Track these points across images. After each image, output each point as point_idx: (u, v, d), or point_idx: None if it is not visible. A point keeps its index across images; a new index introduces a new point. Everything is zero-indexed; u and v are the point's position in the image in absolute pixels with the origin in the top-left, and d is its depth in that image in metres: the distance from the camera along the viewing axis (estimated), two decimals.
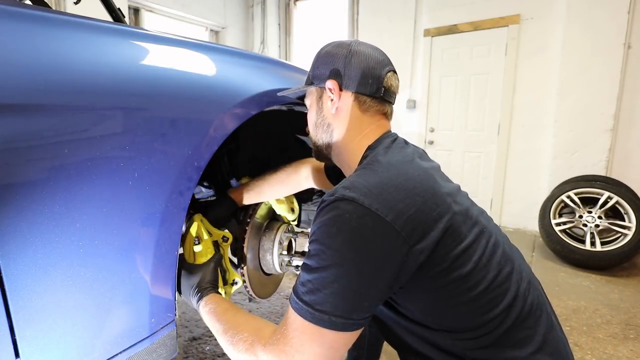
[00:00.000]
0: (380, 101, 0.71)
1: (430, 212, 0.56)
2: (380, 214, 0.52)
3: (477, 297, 0.57)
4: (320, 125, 0.74)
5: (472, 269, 0.57)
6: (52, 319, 0.52)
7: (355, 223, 0.52)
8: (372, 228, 0.52)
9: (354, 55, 0.69)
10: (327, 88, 0.71)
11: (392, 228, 0.52)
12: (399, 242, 0.53)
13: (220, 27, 4.48)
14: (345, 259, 0.52)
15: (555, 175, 2.99)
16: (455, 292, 0.57)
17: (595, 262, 2.36)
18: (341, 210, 0.54)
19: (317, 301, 0.52)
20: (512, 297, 0.59)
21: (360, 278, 0.52)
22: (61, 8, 2.86)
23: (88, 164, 0.52)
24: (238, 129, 0.78)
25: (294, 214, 1.15)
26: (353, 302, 0.52)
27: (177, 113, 0.65)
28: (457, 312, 0.58)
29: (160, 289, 0.66)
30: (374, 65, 0.70)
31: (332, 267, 0.52)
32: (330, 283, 0.52)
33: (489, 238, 0.63)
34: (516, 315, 0.59)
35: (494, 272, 0.59)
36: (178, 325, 0.93)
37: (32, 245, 0.48)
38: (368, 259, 0.52)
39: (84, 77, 0.53)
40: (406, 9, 3.60)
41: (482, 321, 0.57)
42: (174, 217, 0.66)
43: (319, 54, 0.75)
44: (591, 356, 1.51)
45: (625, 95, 2.76)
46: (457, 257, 0.56)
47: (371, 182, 0.56)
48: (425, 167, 0.63)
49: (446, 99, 3.56)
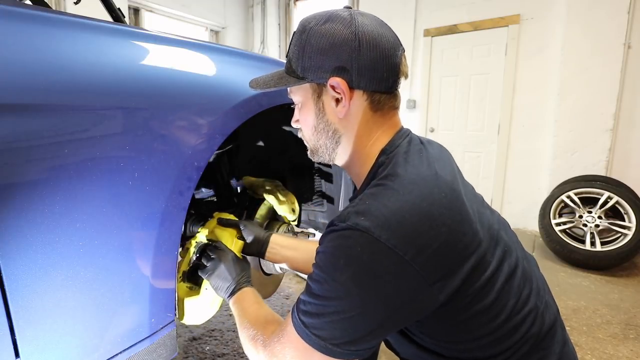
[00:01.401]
0: (393, 95, 0.60)
1: (457, 243, 0.49)
2: (398, 251, 0.45)
3: (497, 327, 0.53)
4: (322, 131, 0.61)
5: (495, 299, 0.52)
6: (52, 319, 0.52)
7: (367, 259, 0.46)
8: (386, 267, 0.46)
9: (362, 39, 0.53)
10: (331, 86, 0.56)
11: (410, 267, 0.46)
12: (416, 282, 0.47)
13: (220, 27, 4.48)
14: (350, 294, 0.47)
15: (555, 175, 2.99)
16: (476, 325, 0.53)
17: (595, 262, 2.36)
18: (352, 241, 0.47)
19: (314, 325, 0.49)
20: (531, 322, 0.55)
21: (363, 316, 0.47)
22: (61, 8, 2.86)
23: (88, 164, 0.52)
24: (238, 129, 0.78)
25: (294, 214, 1.15)
26: (351, 336, 0.48)
27: (177, 113, 0.65)
28: (476, 343, 0.54)
29: (160, 289, 0.66)
30: (388, 52, 0.55)
31: (334, 299, 0.48)
32: (330, 313, 0.48)
33: (510, 257, 0.57)
34: (534, 340, 0.55)
35: (514, 299, 0.54)
36: (178, 325, 0.93)
37: (32, 245, 0.48)
38: (377, 299, 0.47)
39: (84, 77, 0.53)
40: (406, 9, 3.60)
41: (501, 349, 0.54)
42: (174, 217, 0.66)
43: (308, 35, 0.56)
44: (591, 356, 1.51)
45: (625, 95, 2.76)
46: (480, 290, 0.51)
47: (390, 209, 0.47)
48: (450, 183, 0.53)
49: (446, 99, 3.56)
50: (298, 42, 0.58)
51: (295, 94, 0.63)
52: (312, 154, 0.67)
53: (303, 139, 0.67)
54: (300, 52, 0.58)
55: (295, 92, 0.63)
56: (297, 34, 0.59)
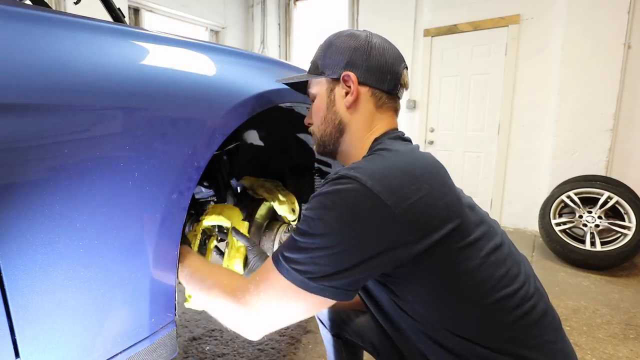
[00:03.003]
0: (394, 98, 0.70)
1: (438, 201, 0.54)
2: (381, 196, 0.51)
3: (484, 296, 0.55)
4: (330, 121, 0.71)
5: (480, 264, 0.55)
6: (52, 319, 0.52)
7: (353, 201, 0.52)
8: (369, 209, 0.51)
9: (372, 48, 0.66)
10: (343, 80, 0.67)
11: (392, 213, 0.51)
12: (396, 228, 0.51)
13: (220, 27, 4.48)
14: (333, 231, 0.52)
15: (555, 175, 2.99)
16: (463, 289, 0.55)
17: (595, 262, 2.36)
18: (341, 186, 0.53)
19: (295, 260, 0.53)
20: (520, 299, 0.57)
21: (343, 252, 0.51)
22: (61, 8, 2.86)
23: (88, 164, 0.52)
24: (238, 129, 0.77)
25: (294, 214, 1.15)
26: (328, 270, 0.51)
27: (177, 113, 0.65)
28: (465, 314, 0.56)
29: (160, 289, 0.66)
30: (392, 61, 0.67)
31: (318, 236, 0.52)
32: (311, 249, 0.52)
33: (495, 236, 0.61)
34: (526, 323, 0.56)
35: (502, 271, 0.57)
36: (178, 325, 0.93)
37: (32, 245, 0.48)
38: (357, 238, 0.51)
39: (84, 77, 0.53)
40: (406, 9, 3.60)
41: (491, 328, 0.55)
42: (174, 217, 0.66)
43: (330, 42, 0.71)
44: (591, 356, 1.51)
45: (625, 95, 2.76)
46: (463, 250, 0.54)
47: (377, 165, 0.55)
48: (436, 160, 0.62)
49: (446, 99, 3.56)
50: (322, 48, 0.72)
51: (313, 88, 0.75)
52: (318, 146, 0.76)
53: (312, 133, 0.77)
54: (323, 54, 0.71)
55: (313, 85, 0.74)
56: (322, 44, 0.73)
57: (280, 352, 1.49)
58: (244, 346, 1.52)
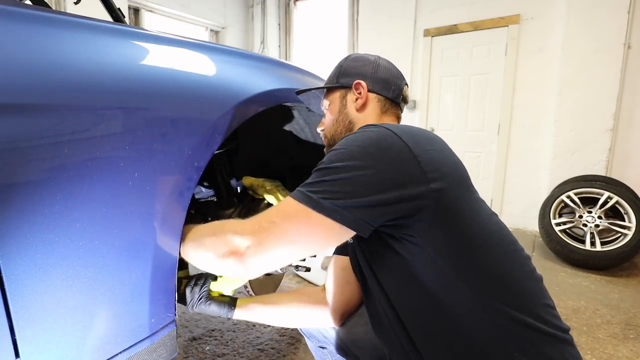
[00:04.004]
0: (397, 106, 0.83)
1: (448, 156, 0.62)
2: (403, 138, 0.57)
3: (496, 245, 0.59)
4: (341, 122, 0.81)
5: (487, 219, 0.61)
6: (52, 319, 0.52)
7: (377, 137, 0.58)
8: (390, 144, 0.57)
9: (380, 65, 0.82)
10: (354, 85, 0.79)
11: (410, 152, 0.56)
12: (414, 165, 0.55)
13: (220, 27, 4.48)
14: (354, 158, 0.55)
15: (555, 175, 2.99)
16: (476, 236, 0.58)
17: (595, 262, 2.36)
18: (368, 129, 0.60)
19: (313, 187, 0.55)
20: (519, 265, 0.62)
21: (361, 178, 0.54)
22: (61, 8, 2.86)
23: (88, 164, 0.52)
24: (238, 129, 0.78)
25: None
26: (342, 193, 0.53)
27: (177, 113, 0.65)
28: (477, 264, 0.57)
29: (160, 289, 0.66)
30: (396, 78, 0.82)
31: (338, 162, 0.56)
32: (331, 174, 0.55)
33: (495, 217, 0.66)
34: (532, 281, 0.62)
35: (506, 231, 0.64)
36: (178, 325, 0.93)
37: (32, 245, 0.48)
38: (376, 166, 0.55)
39: (84, 77, 0.53)
40: (406, 8, 3.60)
41: (502, 274, 0.58)
42: (174, 217, 0.66)
43: (346, 60, 0.84)
44: (591, 356, 1.51)
45: (625, 95, 2.76)
46: (471, 202, 0.60)
47: (393, 125, 0.63)
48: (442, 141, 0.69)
49: (446, 99, 3.56)
50: (338, 65, 0.85)
51: (327, 98, 0.86)
52: (328, 147, 0.84)
53: (323, 135, 0.86)
54: (339, 69, 0.85)
55: (329, 94, 0.86)
56: (340, 62, 0.86)
57: (280, 352, 1.49)
58: (244, 346, 1.52)
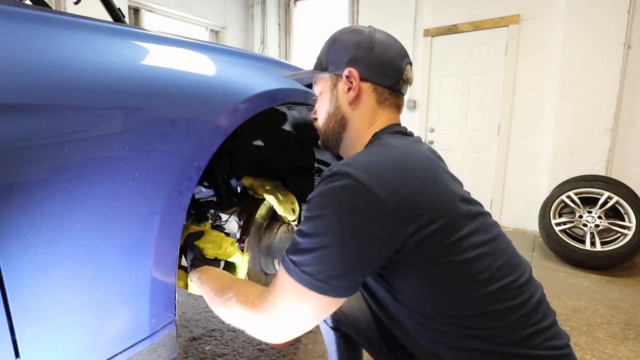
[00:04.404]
0: (397, 94, 0.71)
1: (429, 196, 0.55)
2: (374, 190, 0.52)
3: (479, 287, 0.56)
4: (333, 115, 0.73)
5: (472, 258, 0.56)
6: (52, 319, 0.52)
7: (347, 196, 0.53)
8: (363, 203, 0.53)
9: (375, 43, 0.68)
10: (346, 76, 0.69)
11: (384, 205, 0.52)
12: (389, 220, 0.53)
13: (220, 27, 4.48)
14: (332, 229, 0.53)
15: (555, 175, 2.99)
16: (455, 281, 0.56)
17: (595, 262, 2.36)
18: (336, 183, 0.55)
19: (303, 262, 0.54)
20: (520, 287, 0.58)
21: (344, 249, 0.53)
22: (61, 8, 2.86)
23: (88, 164, 0.52)
24: (238, 129, 0.78)
25: (294, 214, 1.15)
26: (334, 270, 0.53)
27: (177, 113, 0.65)
28: (458, 303, 0.57)
29: (160, 289, 0.66)
30: (395, 57, 0.68)
31: (319, 235, 0.54)
32: (316, 249, 0.53)
33: (491, 229, 0.62)
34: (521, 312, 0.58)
35: (498, 262, 0.58)
36: (178, 325, 0.93)
37: (32, 245, 0.48)
38: (354, 232, 0.53)
39: (84, 77, 0.53)
40: (406, 8, 3.60)
41: (486, 313, 0.56)
42: (174, 217, 0.66)
43: (335, 38, 0.72)
44: (591, 356, 1.51)
45: (625, 95, 2.76)
46: (453, 245, 0.55)
47: (370, 160, 0.57)
48: (429, 156, 0.63)
49: (446, 99, 3.56)
50: (327, 44, 0.73)
51: (317, 84, 0.76)
52: (322, 141, 0.78)
53: (317, 127, 0.78)
54: (327, 50, 0.73)
55: (318, 82, 0.76)
56: (328, 40, 0.74)
57: (280, 352, 1.49)
58: (244, 346, 1.52)
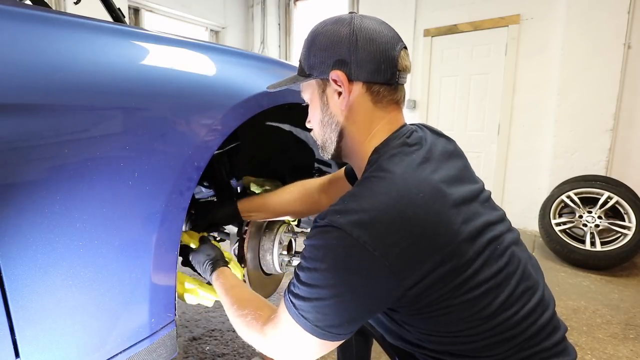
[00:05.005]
0: (394, 88, 0.62)
1: (429, 244, 0.51)
2: (368, 247, 0.49)
3: (484, 321, 0.55)
4: (327, 124, 0.65)
5: (479, 295, 0.54)
6: (52, 319, 0.52)
7: (341, 253, 0.51)
8: (357, 260, 0.50)
9: (359, 35, 0.58)
10: (332, 80, 0.60)
11: (380, 263, 0.49)
12: (385, 277, 0.50)
13: (220, 27, 4.48)
14: (328, 283, 0.51)
15: (555, 175, 2.99)
16: (461, 317, 0.55)
17: (595, 262, 2.36)
18: (329, 237, 0.52)
19: (302, 307, 0.54)
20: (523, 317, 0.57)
21: (341, 303, 0.52)
22: (61, 8, 2.86)
23: (88, 164, 0.52)
24: (238, 129, 0.78)
25: None
26: (332, 320, 0.52)
27: (177, 113, 0.65)
28: (463, 337, 0.56)
29: (160, 289, 0.66)
30: (385, 46, 0.58)
31: (317, 287, 0.52)
32: (313, 299, 0.53)
33: (502, 256, 0.57)
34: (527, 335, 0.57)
35: (506, 293, 0.55)
36: (178, 325, 0.93)
37: (32, 245, 0.48)
38: (351, 288, 0.51)
39: (84, 77, 0.53)
40: (406, 8, 3.60)
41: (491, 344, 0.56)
42: (174, 217, 0.66)
43: (313, 37, 0.62)
44: (591, 356, 1.51)
45: (625, 95, 2.75)
46: (459, 286, 0.53)
47: (364, 208, 0.51)
48: (435, 183, 0.54)
49: (446, 99, 3.56)
50: (306, 45, 0.64)
51: (305, 92, 0.69)
52: (321, 150, 0.71)
53: (313, 137, 0.71)
54: (307, 52, 0.64)
55: (305, 89, 0.68)
56: (307, 38, 0.65)
57: None
58: (244, 346, 1.52)
